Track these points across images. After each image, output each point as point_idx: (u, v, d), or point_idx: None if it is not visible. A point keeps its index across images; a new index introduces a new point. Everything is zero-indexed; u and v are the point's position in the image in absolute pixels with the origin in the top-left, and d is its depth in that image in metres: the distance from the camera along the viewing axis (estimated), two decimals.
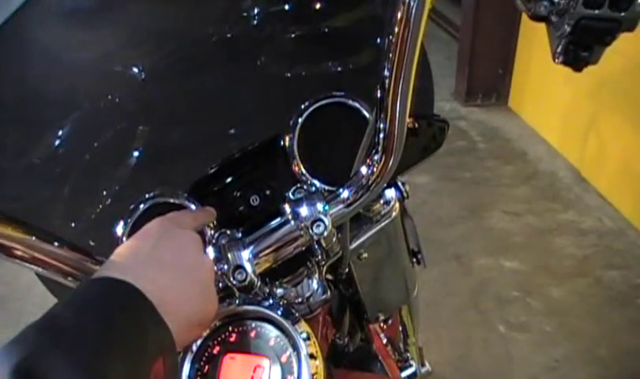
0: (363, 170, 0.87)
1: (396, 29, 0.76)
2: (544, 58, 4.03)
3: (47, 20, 1.05)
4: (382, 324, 1.36)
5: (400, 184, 1.12)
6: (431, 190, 3.77)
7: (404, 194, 1.11)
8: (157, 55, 1.09)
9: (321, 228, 0.86)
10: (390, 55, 0.78)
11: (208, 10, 1.12)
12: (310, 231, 0.86)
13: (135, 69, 1.08)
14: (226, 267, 0.86)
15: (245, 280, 0.86)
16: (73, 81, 1.07)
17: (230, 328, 0.86)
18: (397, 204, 1.09)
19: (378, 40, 0.84)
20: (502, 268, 3.25)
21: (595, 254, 3.31)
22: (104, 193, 1.06)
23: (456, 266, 3.27)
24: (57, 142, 1.05)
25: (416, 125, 1.05)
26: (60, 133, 1.05)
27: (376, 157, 0.85)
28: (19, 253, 0.81)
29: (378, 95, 0.82)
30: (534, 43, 4.14)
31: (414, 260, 1.27)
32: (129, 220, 1.01)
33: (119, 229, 1.00)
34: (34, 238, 0.82)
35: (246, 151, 1.04)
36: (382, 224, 1.07)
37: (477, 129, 4.45)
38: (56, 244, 0.84)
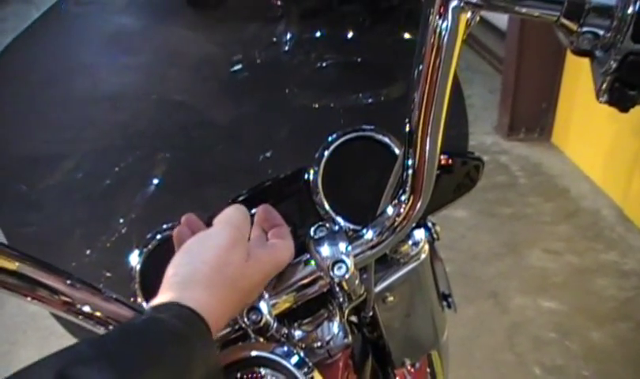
0: (389, 210, 0.81)
1: (426, 58, 0.71)
2: (588, 93, 3.89)
3: (71, 40, 1.04)
4: (409, 368, 1.30)
5: (430, 225, 1.06)
6: (470, 225, 3.68)
7: (435, 236, 1.06)
8: (181, 82, 1.07)
9: (343, 270, 0.81)
10: (420, 86, 0.72)
11: (238, 36, 1.09)
12: (331, 273, 0.81)
13: (158, 96, 1.06)
14: None
15: (260, 322, 0.82)
16: (95, 105, 1.05)
17: (239, 375, 0.81)
18: (427, 246, 1.03)
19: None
20: (540, 308, 3.15)
21: (637, 297, 3.19)
22: (121, 221, 1.03)
23: (492, 304, 3.18)
24: (76, 166, 1.03)
25: (450, 161, 1.00)
26: (80, 157, 1.03)
27: (403, 197, 0.79)
28: (34, 292, 0.76)
29: (407, 129, 0.77)
30: (579, 77, 4.06)
31: (444, 303, 1.20)
32: (144, 251, 0.97)
33: (133, 259, 0.97)
34: (49, 276, 0.77)
35: (269, 184, 1.00)
36: (410, 267, 1.02)
37: (519, 164, 4.35)
38: (69, 282, 0.79)
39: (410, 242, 1.01)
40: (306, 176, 0.97)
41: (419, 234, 1.02)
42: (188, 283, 0.72)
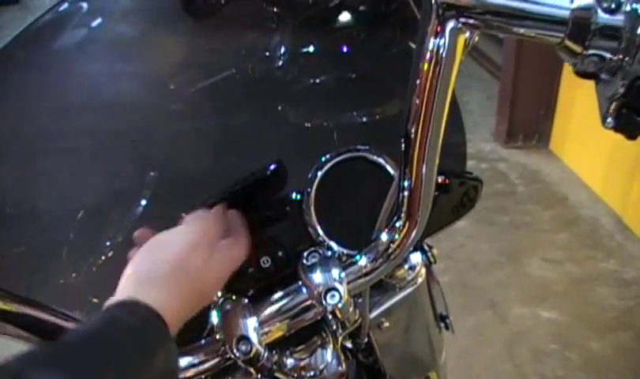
0: (384, 236, 0.78)
1: (423, 77, 0.67)
2: (587, 99, 3.92)
3: (64, 48, 1.01)
4: None
5: (426, 247, 1.03)
6: (468, 234, 3.65)
7: (432, 259, 1.03)
8: (171, 97, 1.04)
9: (336, 298, 0.78)
10: (417, 106, 0.69)
11: (233, 46, 1.06)
12: (324, 302, 0.78)
13: (147, 112, 1.03)
14: (230, 335, 0.79)
15: (250, 352, 0.78)
16: (83, 121, 1.02)
17: None
18: (423, 270, 1.00)
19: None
20: (540, 318, 3.12)
21: (638, 306, 3.16)
22: (107, 243, 1.00)
23: (491, 314, 3.14)
24: (63, 184, 1.00)
25: (447, 181, 0.97)
26: (67, 175, 1.00)
27: (398, 223, 0.76)
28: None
29: (402, 150, 0.73)
30: (577, 84, 4.02)
31: (441, 324, 1.17)
32: None
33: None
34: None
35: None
36: (406, 292, 0.98)
37: (517, 171, 4.33)
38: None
39: (406, 267, 0.98)
40: (297, 198, 0.93)
41: (416, 257, 0.99)
42: (146, 280, 0.72)
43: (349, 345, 1.03)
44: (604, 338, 2.98)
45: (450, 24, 0.62)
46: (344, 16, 1.08)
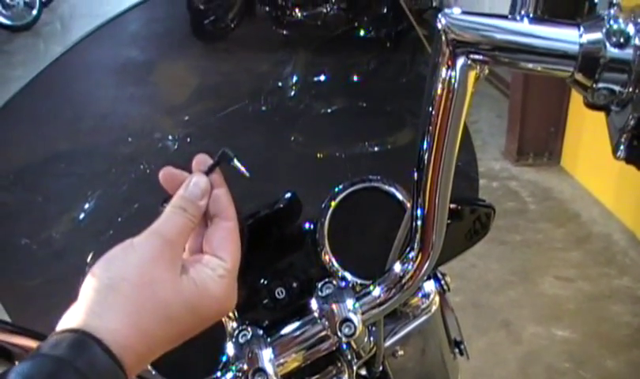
0: (397, 267, 0.78)
1: (435, 110, 0.68)
2: (597, 116, 3.89)
3: (78, 77, 1.02)
4: None
5: (440, 276, 1.03)
6: (480, 253, 3.63)
7: (445, 287, 1.03)
8: (185, 127, 1.04)
9: (351, 329, 0.78)
10: (429, 139, 0.69)
11: (243, 76, 1.06)
12: (339, 332, 0.78)
13: (163, 142, 1.03)
14: (245, 367, 0.79)
15: None
16: (99, 151, 1.02)
17: None
18: (437, 298, 1.00)
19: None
20: (554, 337, 3.11)
21: None
22: None
23: (505, 334, 3.13)
24: (79, 217, 1.00)
25: (458, 208, 0.97)
26: (84, 206, 1.00)
27: (411, 254, 0.76)
28: None
29: (415, 181, 0.74)
30: None
31: (456, 350, 1.17)
32: None
33: None
34: None
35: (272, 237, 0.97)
36: (421, 320, 0.99)
37: (528, 189, 4.32)
38: None
39: (420, 295, 0.98)
40: (310, 229, 0.94)
41: (430, 286, 1.00)
42: (104, 303, 0.58)
43: (364, 373, 1.03)
44: (618, 356, 2.96)
45: (461, 60, 0.63)
46: (356, 45, 1.09)
